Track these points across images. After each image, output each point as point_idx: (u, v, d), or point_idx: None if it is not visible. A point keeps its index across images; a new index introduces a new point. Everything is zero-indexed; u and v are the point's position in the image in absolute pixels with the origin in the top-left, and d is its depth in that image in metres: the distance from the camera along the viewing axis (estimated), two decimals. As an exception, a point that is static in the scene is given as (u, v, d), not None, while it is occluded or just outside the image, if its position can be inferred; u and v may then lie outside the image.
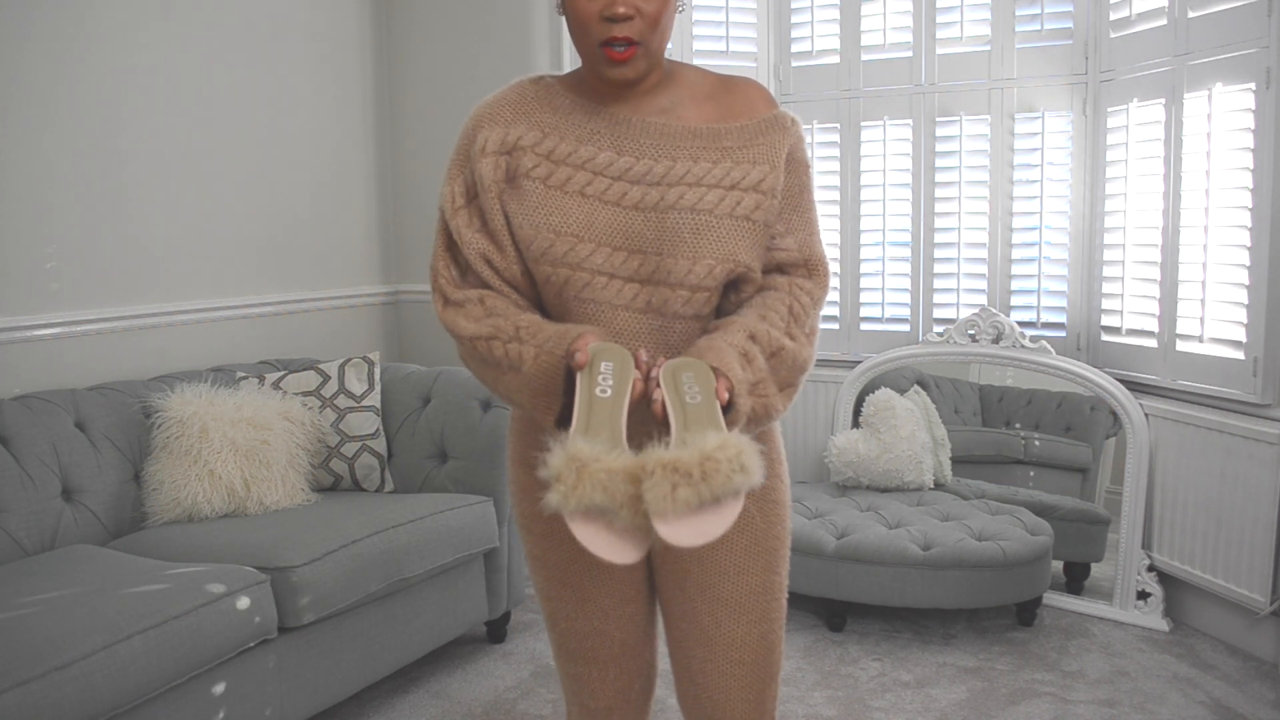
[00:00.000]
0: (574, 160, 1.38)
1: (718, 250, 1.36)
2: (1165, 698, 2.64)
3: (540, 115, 1.41)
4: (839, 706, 2.63)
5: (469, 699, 2.69)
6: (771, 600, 1.48)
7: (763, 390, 1.34)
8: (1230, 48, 2.79)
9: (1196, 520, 2.98)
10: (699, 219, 1.36)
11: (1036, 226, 3.49)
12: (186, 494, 2.60)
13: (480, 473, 2.91)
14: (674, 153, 1.38)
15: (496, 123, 1.41)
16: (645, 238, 1.36)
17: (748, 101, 1.44)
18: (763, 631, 1.47)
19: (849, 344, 3.78)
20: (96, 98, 2.91)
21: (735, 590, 1.45)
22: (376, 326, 3.96)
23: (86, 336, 2.89)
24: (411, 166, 3.97)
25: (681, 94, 1.43)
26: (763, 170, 1.39)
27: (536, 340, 1.32)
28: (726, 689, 1.47)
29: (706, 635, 1.46)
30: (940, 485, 3.50)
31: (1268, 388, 2.75)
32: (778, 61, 3.80)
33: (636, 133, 1.39)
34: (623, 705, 1.57)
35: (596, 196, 1.36)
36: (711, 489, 1.09)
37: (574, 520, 1.12)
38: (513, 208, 1.38)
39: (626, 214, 1.36)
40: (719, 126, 1.41)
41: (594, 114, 1.41)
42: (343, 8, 3.76)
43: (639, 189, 1.36)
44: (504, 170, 1.39)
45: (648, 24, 1.33)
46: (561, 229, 1.36)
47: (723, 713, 1.48)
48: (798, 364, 1.39)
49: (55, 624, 1.91)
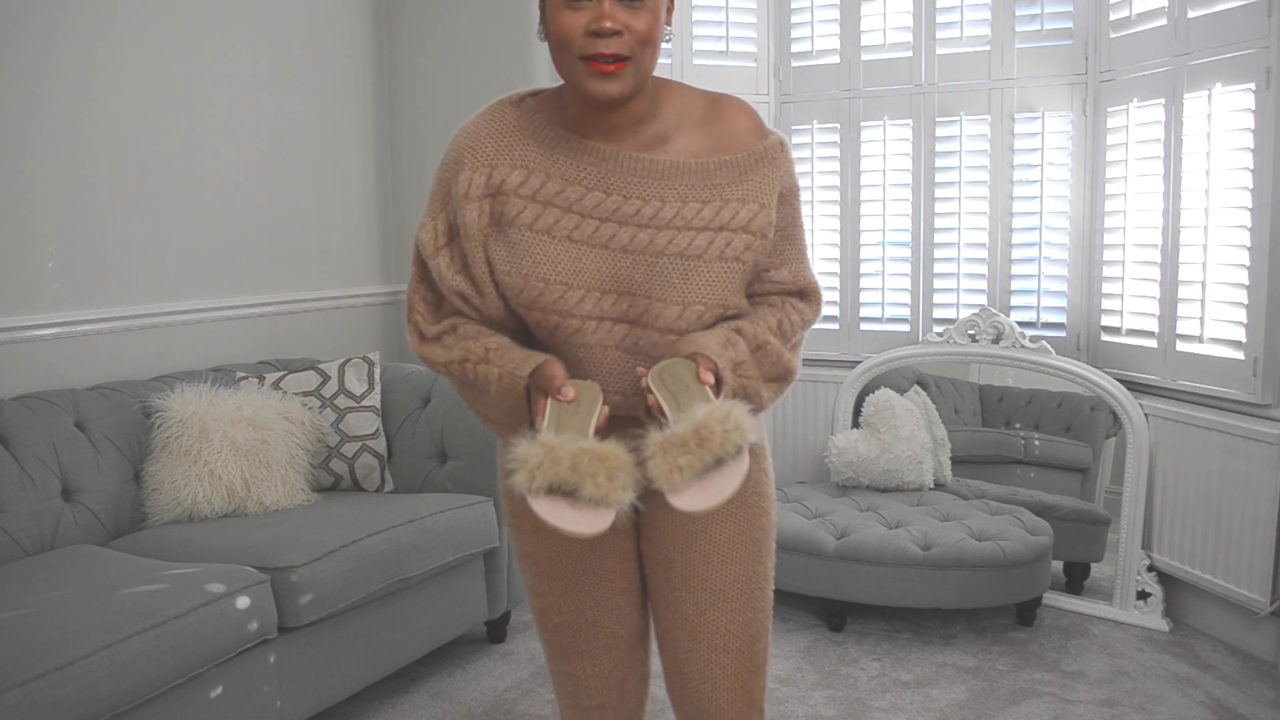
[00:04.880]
0: (561, 201, 1.34)
1: (707, 296, 1.35)
2: (1165, 698, 2.64)
3: (524, 149, 1.36)
4: (839, 706, 2.63)
5: (469, 699, 2.70)
6: (756, 590, 1.48)
7: (746, 372, 1.35)
8: (1230, 48, 2.79)
9: (1196, 520, 2.98)
10: (688, 264, 1.34)
11: (1036, 226, 3.49)
12: (186, 494, 2.60)
13: (480, 473, 2.91)
14: (664, 193, 1.35)
15: (480, 161, 1.36)
16: (634, 280, 1.35)
17: (736, 133, 1.39)
18: (747, 620, 1.47)
19: (849, 344, 3.79)
20: (97, 98, 2.91)
21: (719, 579, 1.45)
22: (376, 326, 3.96)
23: (86, 336, 2.89)
24: (411, 166, 3.97)
25: (669, 123, 1.38)
26: (752, 210, 1.37)
27: (501, 363, 1.33)
28: (712, 678, 1.47)
29: (691, 624, 1.46)
30: (940, 485, 3.50)
31: (1268, 388, 2.75)
32: (778, 61, 3.80)
33: (625, 170, 1.35)
34: (617, 703, 1.56)
35: (585, 241, 1.34)
36: (711, 452, 1.14)
37: (538, 499, 1.15)
38: (498, 255, 1.35)
39: (615, 256, 1.34)
40: (708, 161, 1.37)
41: (580, 150, 1.35)
42: (343, 8, 3.76)
43: (628, 230, 1.34)
44: (488, 215, 1.36)
45: (637, 41, 1.27)
46: (550, 277, 1.33)
47: (709, 703, 1.48)
48: (782, 362, 1.40)
49: (55, 624, 1.91)
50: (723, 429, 1.15)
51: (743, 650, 1.47)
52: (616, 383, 1.38)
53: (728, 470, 1.15)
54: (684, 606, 1.47)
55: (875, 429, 3.47)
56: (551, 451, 1.15)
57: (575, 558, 1.49)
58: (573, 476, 1.14)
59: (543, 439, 1.17)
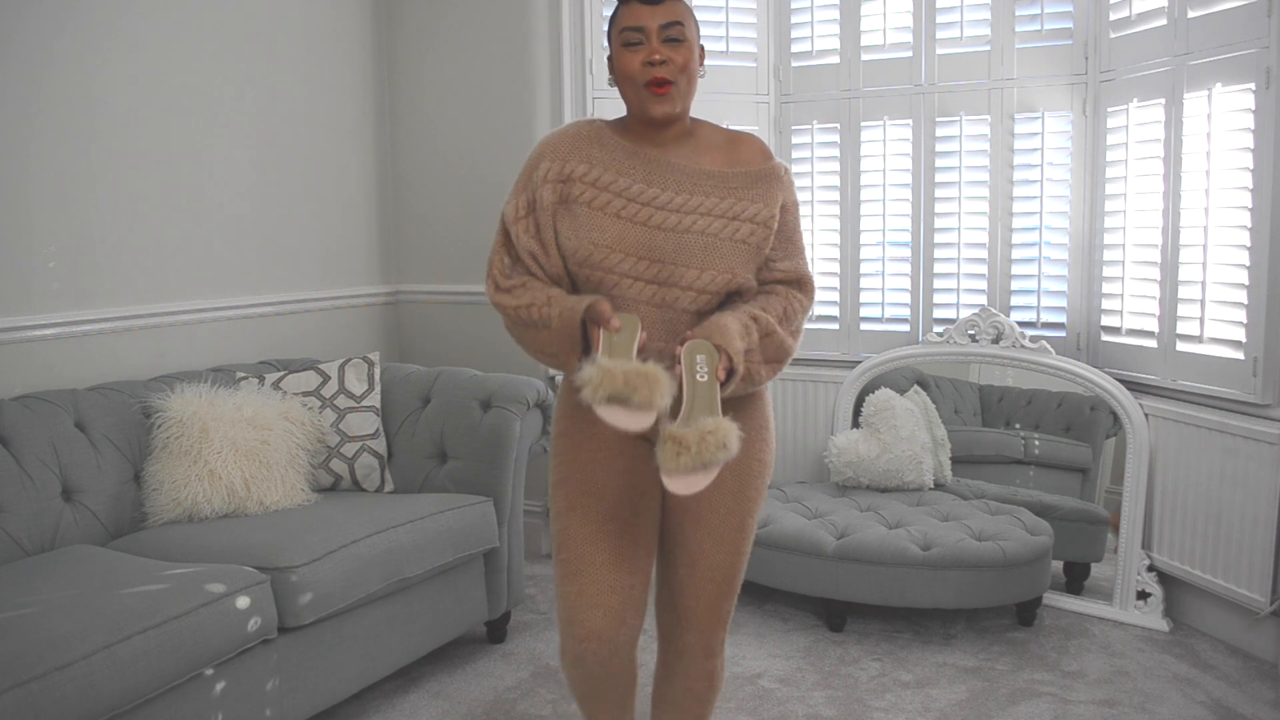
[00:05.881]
0: (614, 188, 1.78)
1: (719, 264, 1.77)
2: (1165, 698, 2.64)
3: (590, 150, 1.81)
4: (839, 706, 2.63)
5: (469, 699, 2.70)
6: (746, 538, 1.89)
7: (752, 358, 1.75)
8: (1230, 48, 2.80)
9: (1196, 520, 2.98)
10: (706, 240, 1.76)
11: (1036, 226, 3.49)
12: (186, 494, 2.60)
13: (480, 473, 2.92)
14: (690, 188, 1.78)
15: (556, 156, 1.81)
16: (664, 250, 1.76)
17: (749, 155, 1.84)
18: (734, 560, 1.88)
19: (849, 344, 3.79)
20: (97, 98, 2.91)
21: (722, 526, 1.85)
22: (376, 326, 3.96)
23: (86, 336, 2.89)
24: (411, 167, 3.97)
25: (699, 144, 1.84)
26: (757, 207, 1.80)
27: (562, 304, 1.74)
28: (698, 598, 1.88)
29: (692, 558, 1.87)
30: (940, 485, 3.50)
31: (1268, 388, 2.75)
32: (778, 61, 3.80)
33: (663, 170, 1.79)
34: (610, 631, 1.79)
35: (629, 218, 1.77)
36: (702, 458, 1.55)
37: (600, 407, 1.56)
38: (563, 224, 1.79)
39: (650, 232, 1.76)
40: (726, 170, 1.81)
41: (632, 154, 1.80)
42: (343, 8, 3.76)
43: (661, 214, 1.77)
44: (558, 195, 1.79)
45: (678, 69, 1.76)
46: (599, 242, 1.76)
47: (691, 618, 1.89)
48: (784, 348, 1.82)
49: (55, 624, 1.91)
50: (715, 444, 1.55)
51: (726, 581, 1.88)
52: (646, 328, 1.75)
53: (708, 473, 1.57)
54: (689, 545, 1.86)
55: (875, 429, 3.47)
56: (608, 372, 1.55)
57: (601, 464, 1.84)
58: (625, 390, 1.54)
59: (600, 363, 1.57)
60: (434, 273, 3.98)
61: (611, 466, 1.84)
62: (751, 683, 2.77)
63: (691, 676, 1.95)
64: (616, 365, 1.56)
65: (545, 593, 3.44)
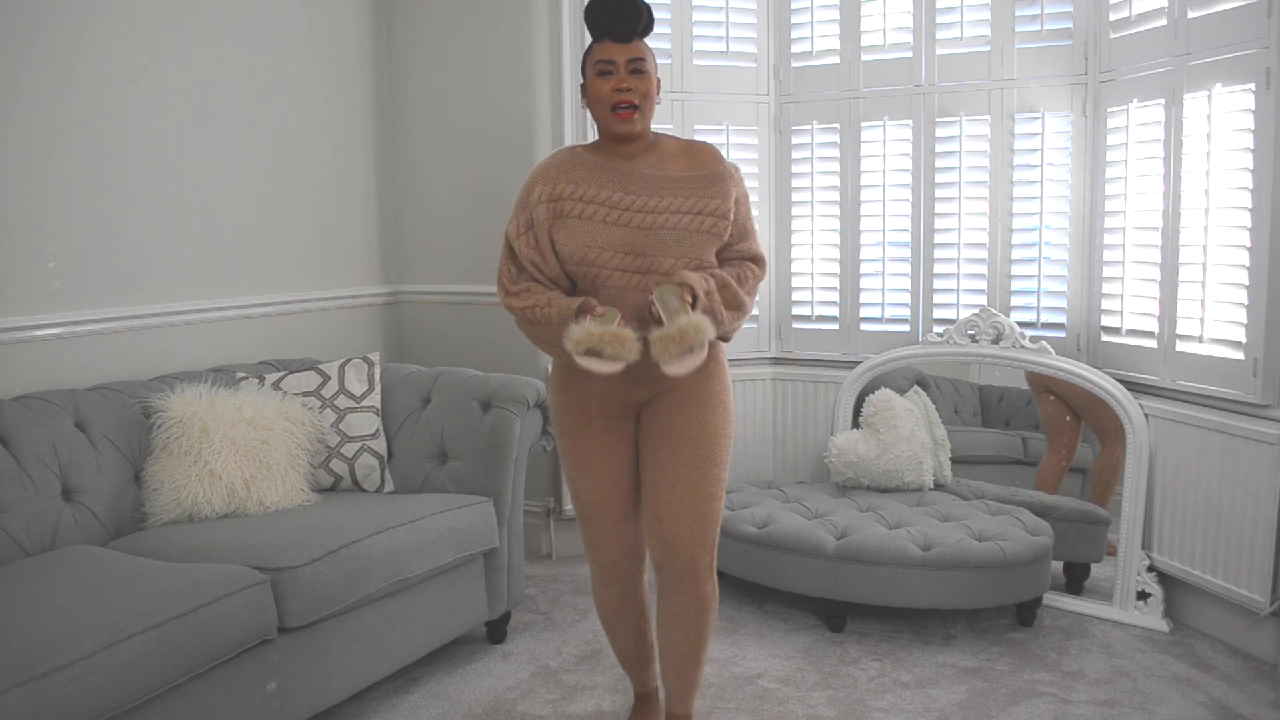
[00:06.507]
0: (597, 200, 2.14)
1: (690, 252, 2.15)
2: (1165, 698, 2.64)
3: (574, 172, 2.17)
4: (839, 707, 2.63)
5: (469, 699, 2.70)
6: (712, 459, 2.21)
7: (713, 298, 2.12)
8: (1230, 48, 2.80)
9: (1196, 520, 2.98)
10: (678, 234, 2.14)
11: (1036, 227, 3.49)
12: (186, 494, 2.60)
13: (480, 473, 2.92)
14: (660, 191, 2.16)
15: (547, 181, 2.17)
16: (644, 245, 2.14)
17: (704, 160, 2.22)
18: (703, 479, 2.19)
19: (849, 344, 3.79)
20: (97, 99, 2.91)
21: (687, 448, 2.20)
22: (376, 326, 3.96)
23: (87, 336, 2.89)
24: (411, 167, 3.97)
25: (662, 154, 2.22)
26: (716, 203, 2.17)
27: (560, 304, 2.13)
28: (679, 517, 2.19)
29: (665, 478, 2.20)
30: (940, 485, 3.50)
31: (1268, 388, 2.75)
32: (778, 62, 3.80)
33: (636, 179, 2.17)
34: (623, 560, 2.33)
35: (612, 222, 2.13)
36: (686, 343, 1.98)
37: (580, 357, 1.99)
38: (559, 235, 2.15)
39: (631, 231, 2.13)
40: (688, 174, 2.19)
41: (608, 169, 2.17)
42: (343, 9, 3.76)
43: (639, 215, 2.14)
44: (552, 211, 2.15)
45: (641, 95, 2.15)
46: (592, 244, 2.13)
47: (675, 538, 2.20)
48: (739, 298, 2.18)
49: (55, 624, 1.91)
50: (693, 329, 1.98)
51: (700, 502, 2.19)
52: (631, 310, 2.12)
53: (697, 354, 2.01)
54: (661, 466, 2.21)
55: (875, 429, 3.47)
56: (588, 331, 1.98)
57: (591, 448, 2.26)
58: (600, 344, 1.98)
59: (583, 324, 2.00)
60: (434, 273, 3.98)
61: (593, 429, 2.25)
62: (751, 683, 2.77)
63: (687, 599, 2.24)
64: (594, 327, 1.99)
65: (545, 593, 3.44)
